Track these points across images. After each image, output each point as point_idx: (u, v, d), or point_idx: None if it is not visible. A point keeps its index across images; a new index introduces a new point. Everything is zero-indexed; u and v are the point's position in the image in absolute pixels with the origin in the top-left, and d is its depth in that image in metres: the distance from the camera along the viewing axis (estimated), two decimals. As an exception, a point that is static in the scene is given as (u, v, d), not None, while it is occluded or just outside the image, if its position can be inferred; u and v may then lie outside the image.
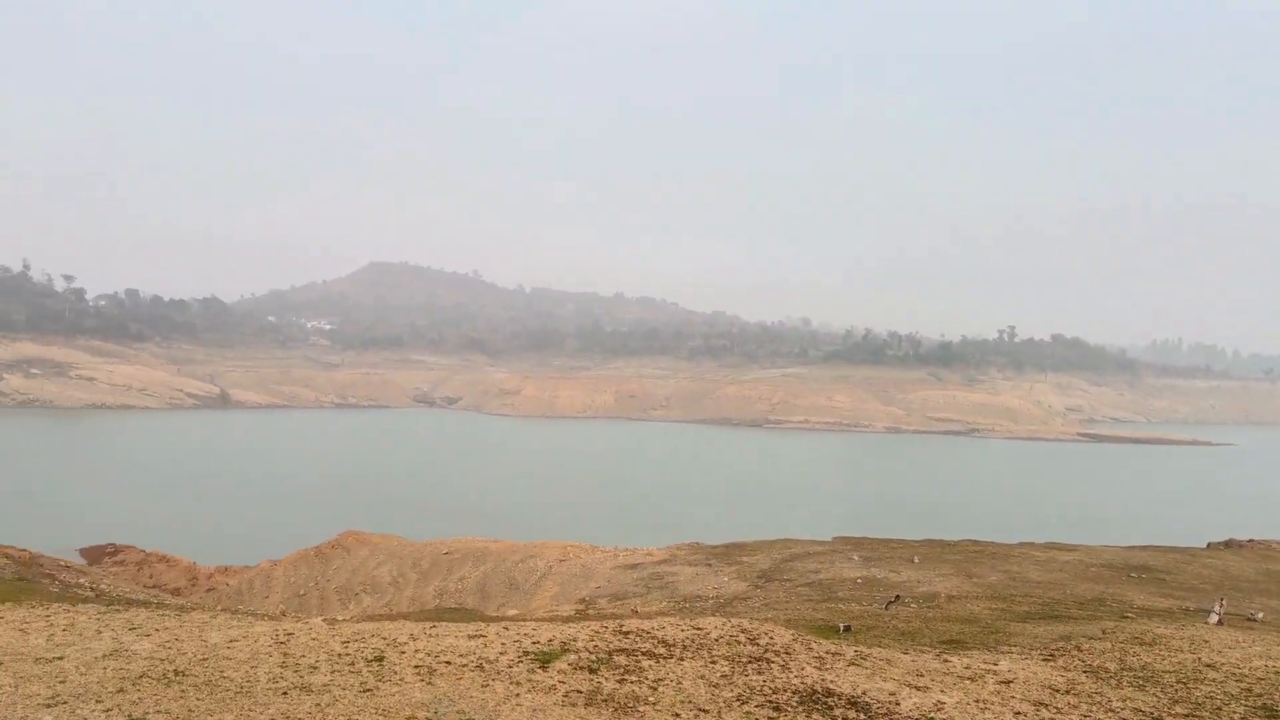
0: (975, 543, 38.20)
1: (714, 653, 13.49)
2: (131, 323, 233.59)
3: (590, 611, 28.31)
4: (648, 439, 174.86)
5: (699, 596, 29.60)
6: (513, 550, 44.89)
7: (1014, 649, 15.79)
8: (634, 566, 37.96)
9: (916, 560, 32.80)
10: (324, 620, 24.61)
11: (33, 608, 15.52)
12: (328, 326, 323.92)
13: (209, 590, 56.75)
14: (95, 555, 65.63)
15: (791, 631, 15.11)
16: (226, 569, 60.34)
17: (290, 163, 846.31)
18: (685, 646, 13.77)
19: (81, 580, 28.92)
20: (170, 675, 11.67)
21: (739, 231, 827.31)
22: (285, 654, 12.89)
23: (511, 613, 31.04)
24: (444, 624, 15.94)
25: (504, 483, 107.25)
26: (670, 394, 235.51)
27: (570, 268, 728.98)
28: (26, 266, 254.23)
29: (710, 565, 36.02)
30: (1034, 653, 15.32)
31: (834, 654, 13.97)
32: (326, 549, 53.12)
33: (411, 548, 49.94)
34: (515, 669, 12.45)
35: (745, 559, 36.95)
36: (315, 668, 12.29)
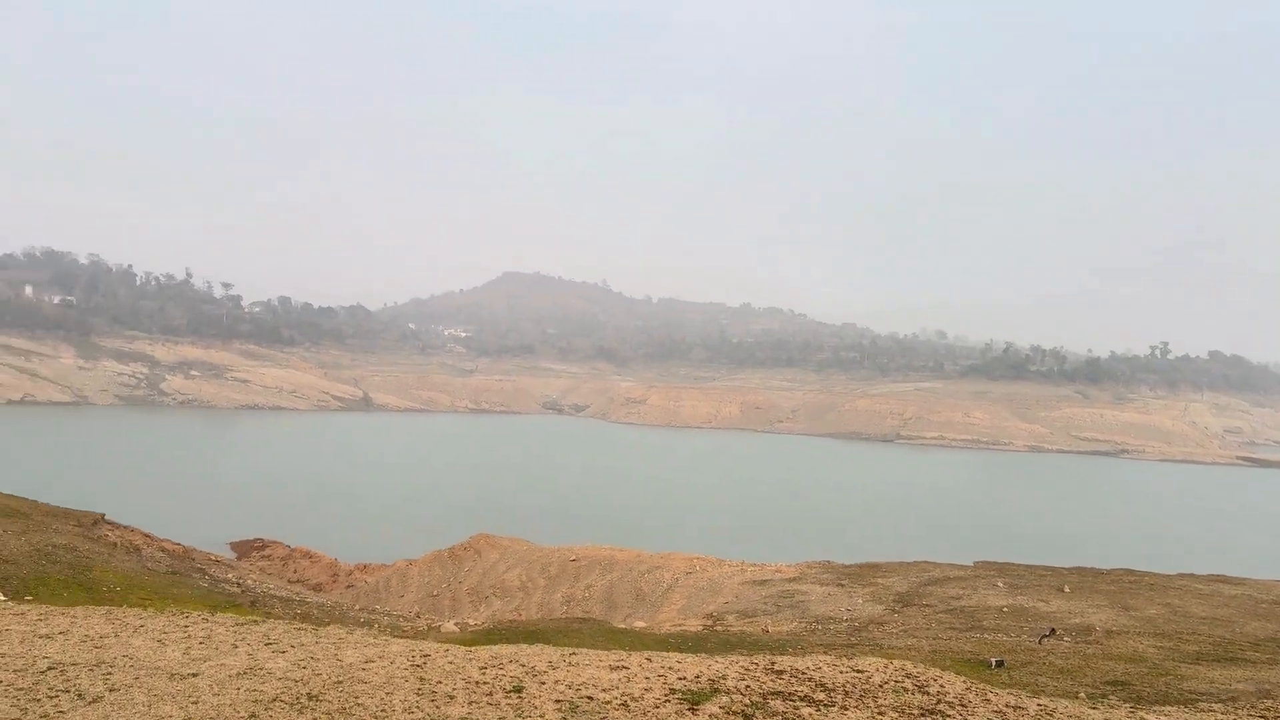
0: (1130, 572, 35.46)
1: (880, 701, 12.27)
2: (283, 328, 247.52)
3: (719, 628, 27.56)
4: (773, 451, 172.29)
5: (831, 618, 28.42)
6: (639, 560, 44.59)
7: (1210, 702, 14.04)
8: (763, 583, 37.05)
9: (1067, 589, 30.62)
10: (456, 624, 24.81)
11: (173, 616, 15.71)
12: (464, 334, 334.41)
13: (348, 587, 58.76)
14: (244, 549, 69.20)
15: (964, 679, 13.79)
16: (365, 566, 62.44)
17: (438, 179, 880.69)
18: (847, 693, 12.61)
19: (229, 575, 30.21)
20: (304, 700, 11.37)
21: (872, 246, 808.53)
22: (421, 679, 12.49)
23: (639, 624, 30.61)
24: (583, 651, 15.35)
25: (629, 491, 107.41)
26: (797, 406, 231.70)
27: (698, 278, 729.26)
28: (189, 274, 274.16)
29: (843, 585, 34.68)
30: (1239, 711, 13.46)
31: (1016, 708, 12.58)
32: (459, 551, 54.28)
33: (540, 553, 50.38)
34: (662, 709, 11.56)
35: (880, 580, 35.44)
36: (452, 697, 11.81)
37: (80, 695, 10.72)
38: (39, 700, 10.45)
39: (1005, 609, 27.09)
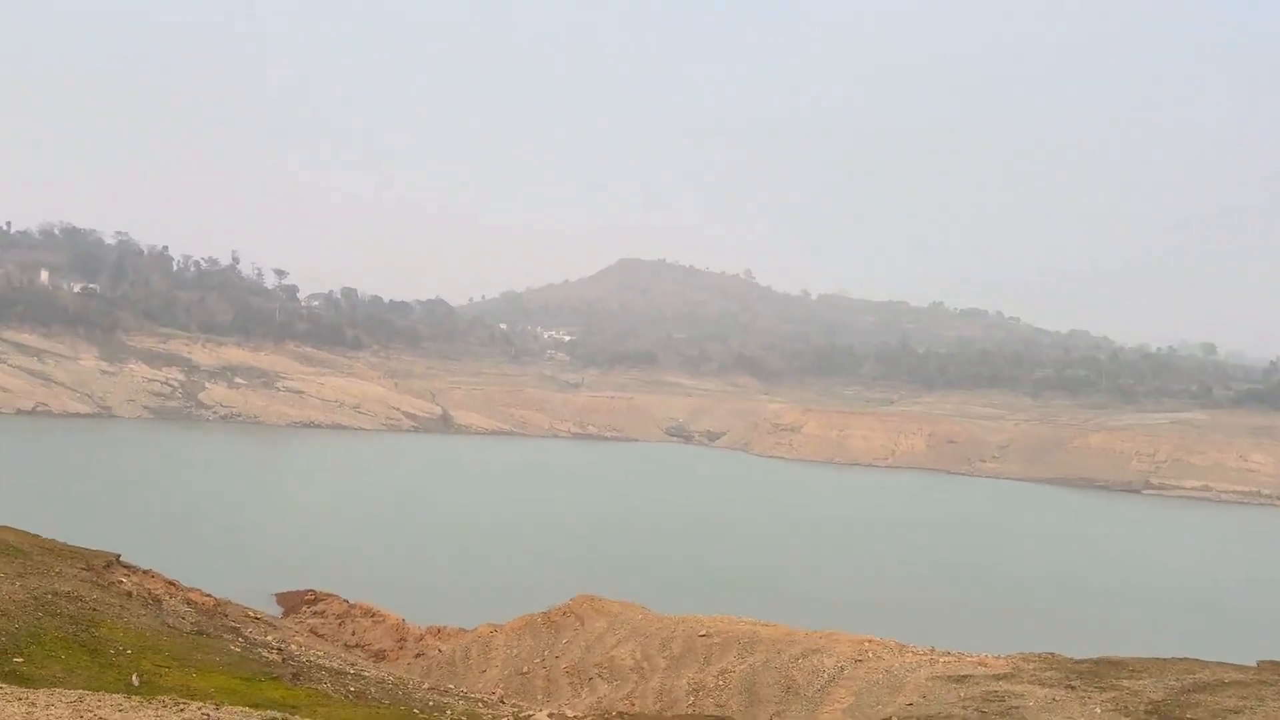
0: None
1: None
2: (347, 327, 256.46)
3: (900, 739, 26.40)
4: (973, 500, 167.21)
5: (1060, 734, 26.77)
6: (789, 639, 43.56)
7: None
8: (960, 679, 35.48)
9: (1407, 711, 27.96)
10: (551, 716, 24.50)
11: (164, 706, 14.96)
12: (567, 338, 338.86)
13: (418, 656, 59.75)
14: (293, 603, 71.46)
15: None
16: (440, 630, 63.39)
17: (538, 149, 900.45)
18: None
19: (269, 637, 30.89)
20: None
21: (1108, 219, 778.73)
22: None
23: (790, 728, 29.65)
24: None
25: (777, 547, 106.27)
26: (1007, 441, 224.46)
27: (871, 270, 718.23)
28: (235, 259, 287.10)
29: (1073, 688, 32.80)
30: None
31: None
32: (557, 616, 54.38)
33: (659, 624, 49.90)
34: None
35: (1125, 683, 33.37)
36: None
37: None
38: None
39: (1313, 734, 24.92)
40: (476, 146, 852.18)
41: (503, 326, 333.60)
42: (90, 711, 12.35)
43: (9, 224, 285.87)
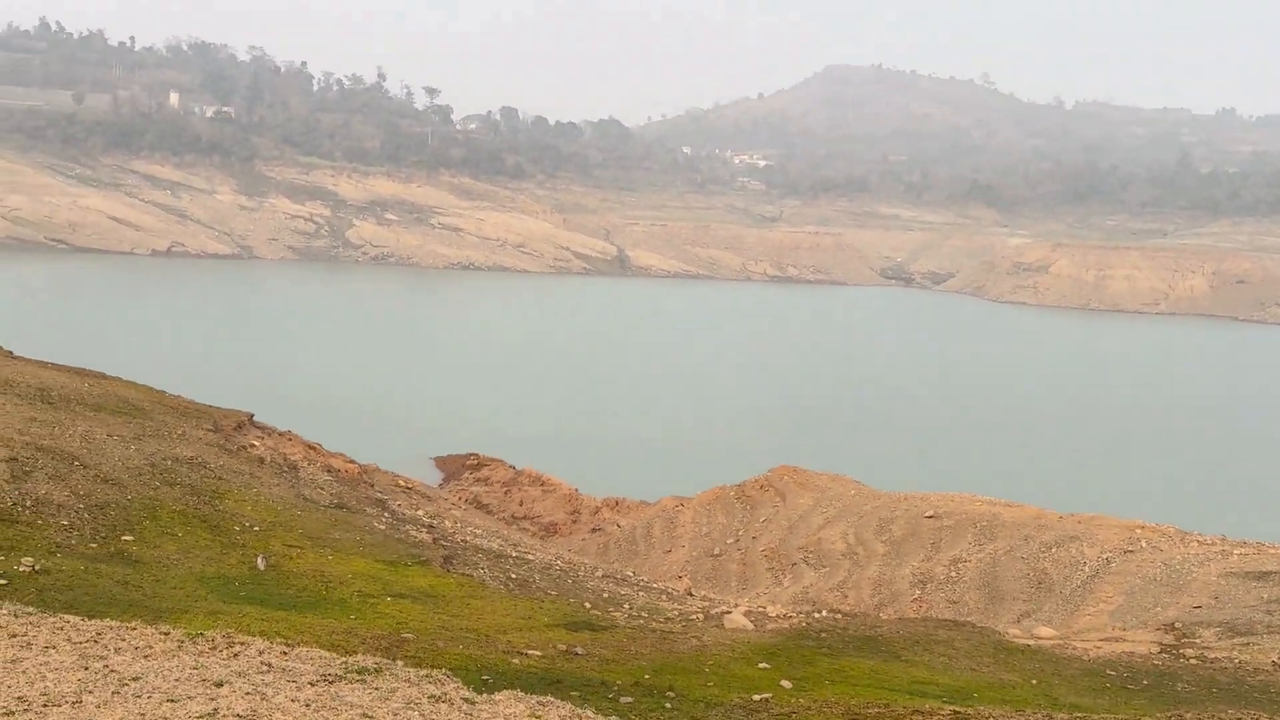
0: None
1: None
2: (507, 154, 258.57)
3: (1188, 652, 24.59)
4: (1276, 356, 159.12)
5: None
6: (1039, 524, 41.92)
7: None
8: (1261, 576, 33.45)
9: None
10: (748, 614, 23.58)
11: (209, 650, 11.87)
12: (762, 163, 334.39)
13: (593, 530, 60.56)
14: (454, 468, 73.40)
15: None
16: (618, 503, 64.00)
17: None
18: None
19: (419, 513, 30.94)
20: None
21: None
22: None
23: (1043, 634, 28.11)
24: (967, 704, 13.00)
25: (1019, 415, 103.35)
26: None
27: (1140, 71, 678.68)
28: (382, 77, 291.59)
29: None
30: None
31: None
32: (753, 490, 53.97)
33: (875, 501, 48.93)
34: None
35: None
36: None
37: None
38: None
39: None
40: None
41: (686, 150, 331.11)
42: (103, 657, 11.07)
43: (133, 39, 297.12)
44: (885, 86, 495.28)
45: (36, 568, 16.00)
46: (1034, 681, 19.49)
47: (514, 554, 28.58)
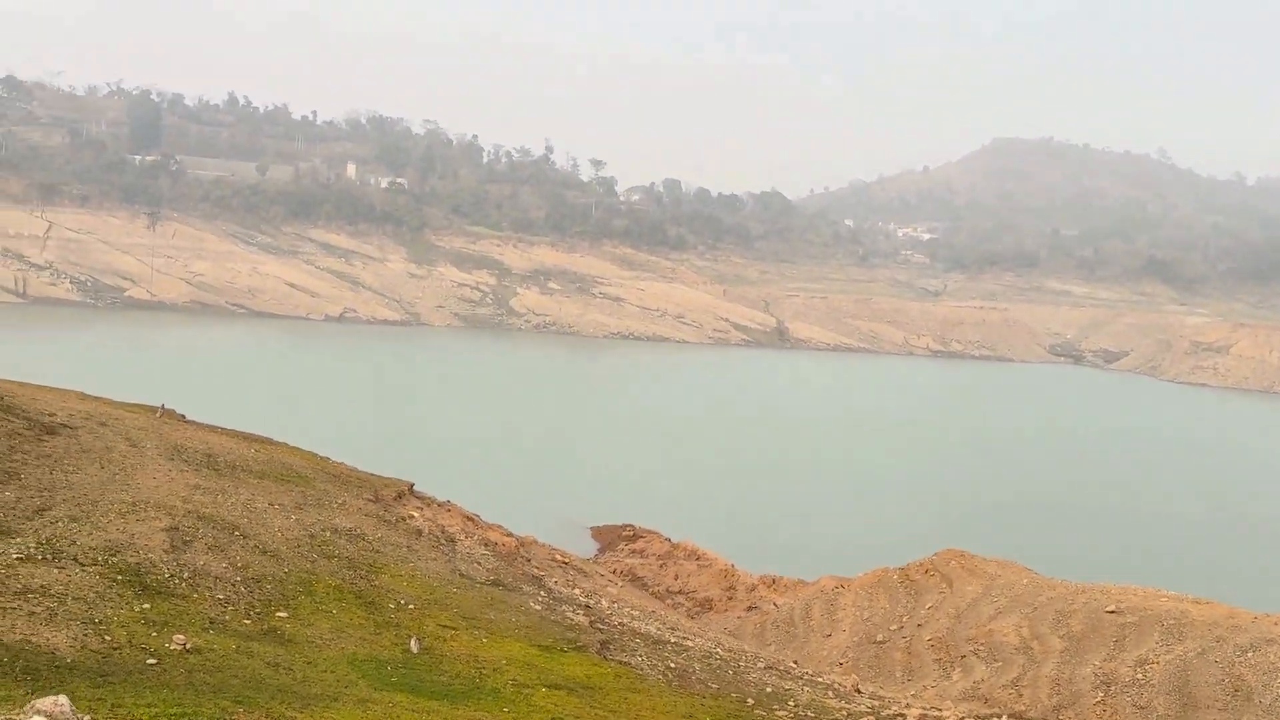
0: None
1: None
2: (670, 225, 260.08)
3: None
4: None
5: None
6: (1233, 623, 39.24)
7: None
8: None
9: None
10: (923, 714, 22.08)
11: None
12: (926, 236, 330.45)
13: (749, 609, 59.23)
14: (609, 538, 72.79)
15: None
16: (775, 581, 62.60)
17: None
18: None
19: (575, 591, 30.13)
20: None
21: None
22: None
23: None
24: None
25: (1200, 502, 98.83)
26: None
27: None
28: (549, 149, 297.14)
29: None
30: None
31: None
32: (917, 574, 51.98)
33: (1050, 591, 46.54)
34: None
35: None
36: None
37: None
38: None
39: None
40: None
41: (848, 223, 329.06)
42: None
43: (315, 113, 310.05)
44: (1056, 160, 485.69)
45: (188, 646, 15.57)
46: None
47: (672, 639, 27.51)
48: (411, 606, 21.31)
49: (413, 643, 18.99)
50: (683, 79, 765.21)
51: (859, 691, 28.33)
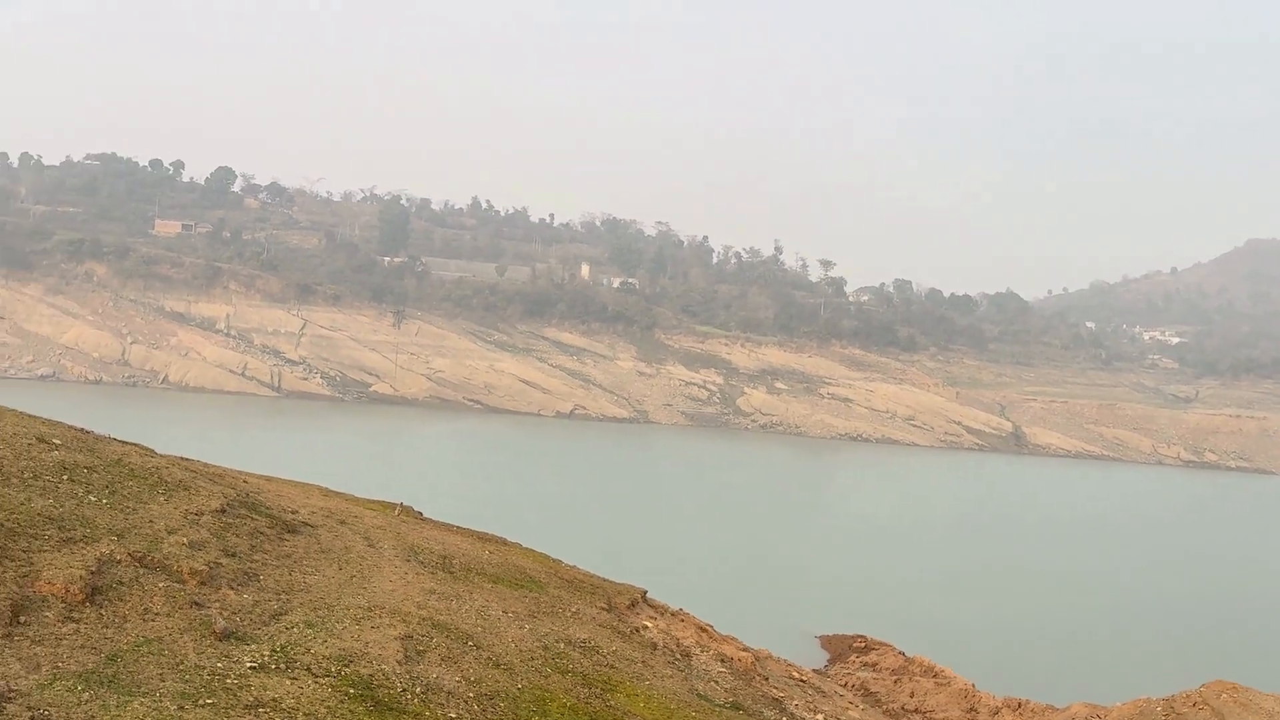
0: None
1: None
2: (900, 326, 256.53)
3: None
4: None
5: None
6: None
7: None
8: None
9: None
10: None
11: None
12: (1175, 340, 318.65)
13: (992, 734, 56.20)
14: (840, 648, 70.12)
15: None
16: (1021, 705, 59.13)
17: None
18: None
19: (817, 717, 28.37)
20: None
21: None
22: None
23: None
24: None
25: None
26: None
27: None
28: (778, 250, 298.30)
29: None
30: None
31: None
32: (1184, 706, 48.13)
33: (1338, 735, 42.28)
34: None
35: None
36: None
37: None
38: None
39: None
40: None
41: (1090, 325, 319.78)
42: None
43: (551, 216, 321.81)
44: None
45: (419, 774, 14.69)
46: None
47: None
48: (649, 733, 20.08)
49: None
50: (916, 180, 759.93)
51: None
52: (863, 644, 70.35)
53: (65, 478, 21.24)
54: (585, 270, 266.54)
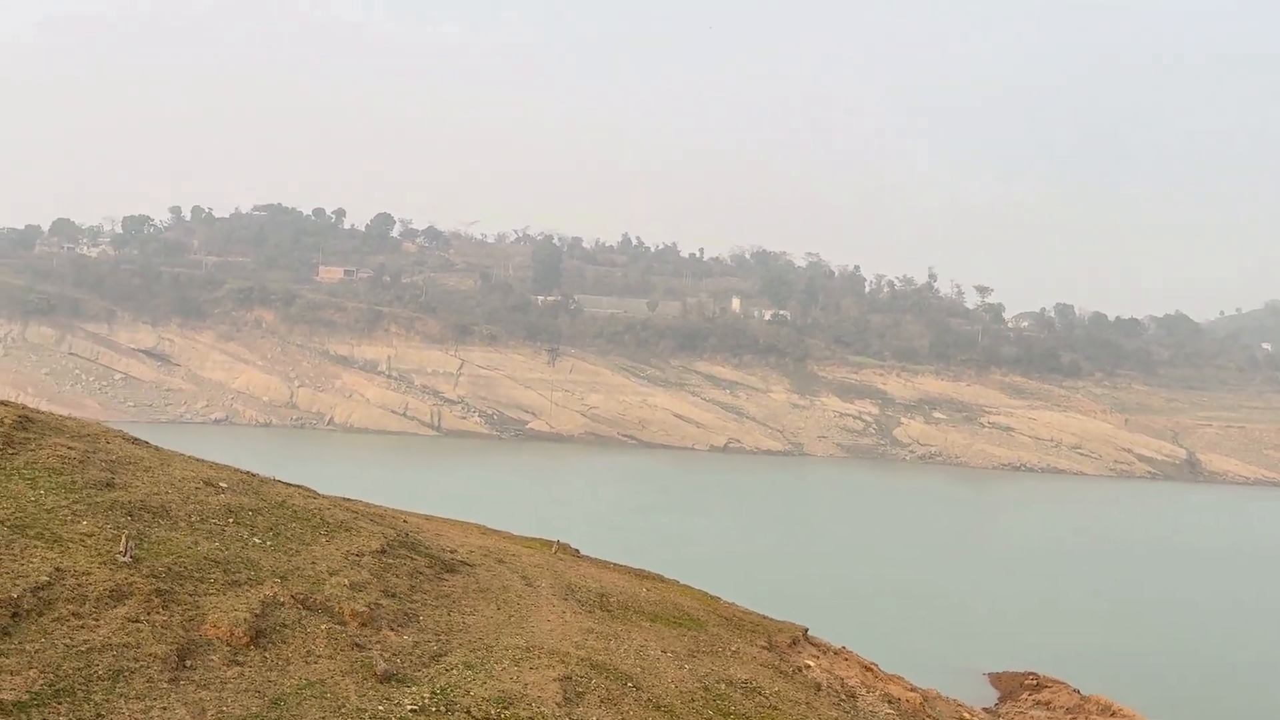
0: None
1: None
2: (1063, 351, 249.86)
3: None
4: None
5: None
6: None
7: None
8: None
9: None
10: None
11: None
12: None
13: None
14: (1010, 686, 67.98)
15: None
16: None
17: None
18: None
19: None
20: None
21: None
22: None
23: None
24: None
25: None
26: None
27: None
28: (932, 277, 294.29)
29: None
30: None
31: None
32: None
33: None
34: None
35: None
36: None
37: None
38: None
39: None
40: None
41: (1266, 347, 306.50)
42: None
43: (701, 251, 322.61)
44: None
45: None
46: None
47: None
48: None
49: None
50: (1071, 205, 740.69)
51: None
52: (1034, 681, 68.12)
53: (231, 520, 21.64)
54: (736, 303, 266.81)
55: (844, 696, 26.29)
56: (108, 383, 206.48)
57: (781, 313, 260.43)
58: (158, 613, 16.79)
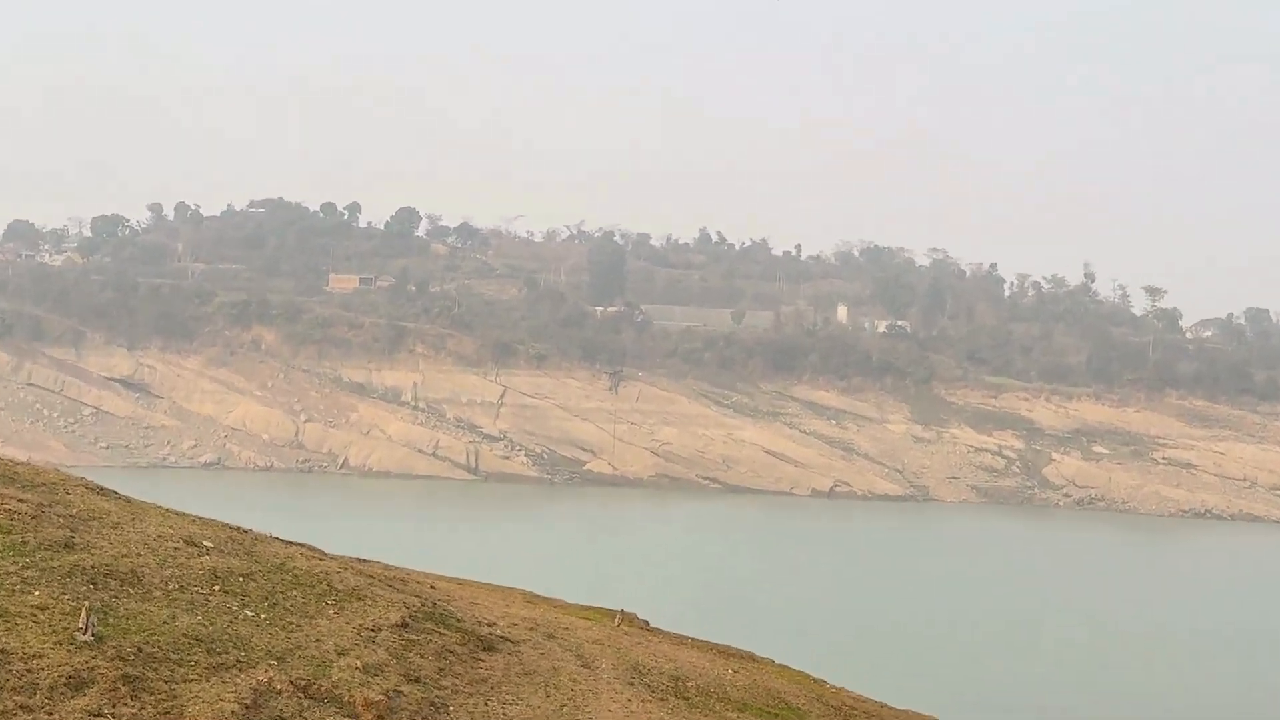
0: None
1: None
2: (1258, 368, 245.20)
3: None
4: None
5: None
6: None
7: None
8: None
9: None
10: None
11: None
12: None
13: None
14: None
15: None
16: None
17: None
18: None
19: None
20: None
21: None
22: None
23: None
24: None
25: None
26: None
27: None
28: (1089, 277, 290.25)
29: None
30: None
31: None
32: None
33: None
34: None
35: None
36: None
37: None
38: None
39: None
40: None
41: None
42: None
43: (798, 248, 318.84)
44: None
45: None
46: None
47: None
48: None
49: None
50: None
51: None
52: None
53: (217, 588, 21.61)
54: (842, 312, 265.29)
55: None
56: (75, 419, 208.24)
57: (899, 323, 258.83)
58: (125, 704, 16.72)
